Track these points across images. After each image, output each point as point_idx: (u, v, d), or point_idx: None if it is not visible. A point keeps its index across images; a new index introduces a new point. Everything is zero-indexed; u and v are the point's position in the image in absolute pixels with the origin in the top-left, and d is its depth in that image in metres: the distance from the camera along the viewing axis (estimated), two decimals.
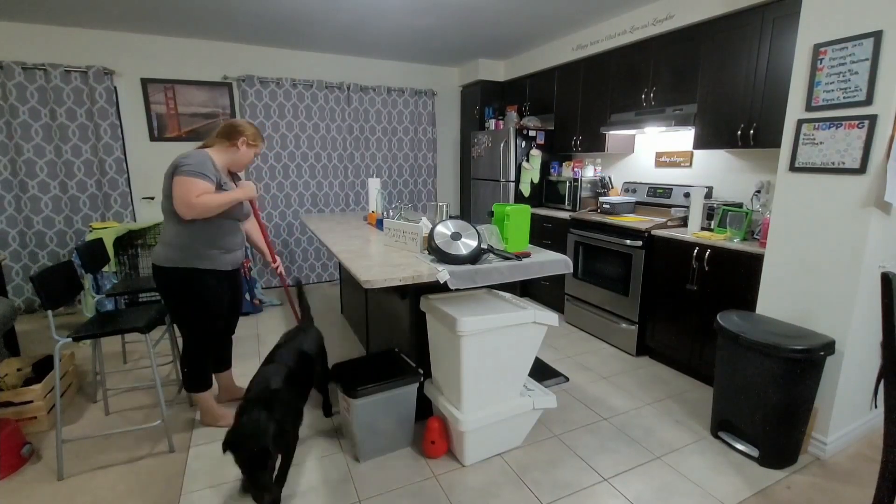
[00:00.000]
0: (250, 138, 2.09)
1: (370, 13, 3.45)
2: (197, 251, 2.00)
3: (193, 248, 1.99)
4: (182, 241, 1.98)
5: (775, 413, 1.95)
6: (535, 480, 1.92)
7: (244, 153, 2.10)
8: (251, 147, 2.11)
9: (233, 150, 2.08)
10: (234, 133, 2.06)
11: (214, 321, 2.14)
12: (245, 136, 2.07)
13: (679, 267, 2.79)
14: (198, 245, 2.00)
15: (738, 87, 2.69)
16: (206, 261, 2.03)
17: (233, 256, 2.15)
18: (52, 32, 3.74)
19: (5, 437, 1.93)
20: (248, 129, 2.09)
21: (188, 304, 2.05)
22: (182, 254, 1.98)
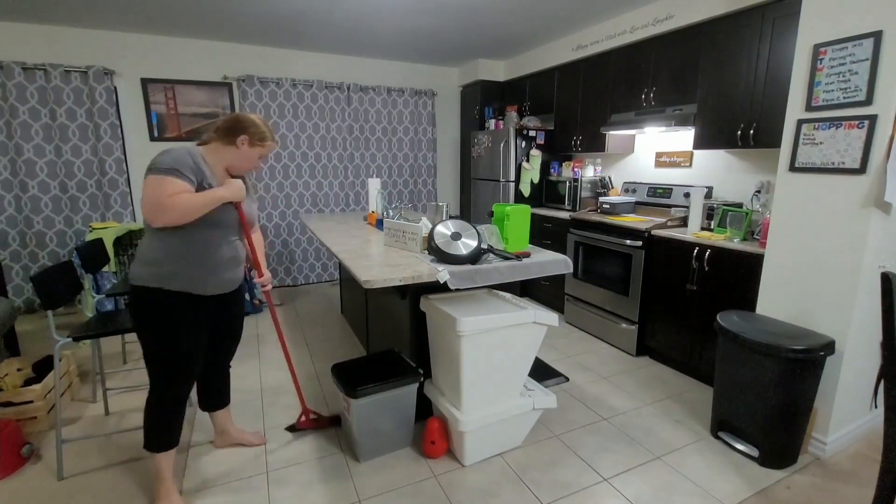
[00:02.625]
0: (254, 137, 1.71)
1: (370, 13, 3.45)
2: (169, 268, 1.60)
3: (165, 264, 1.60)
4: (154, 254, 1.60)
5: (775, 413, 1.95)
6: (535, 480, 1.92)
7: (246, 154, 1.72)
8: (255, 147, 1.73)
9: (231, 150, 1.70)
10: (234, 129, 1.70)
11: (185, 361, 1.68)
12: (247, 135, 1.70)
13: (679, 267, 2.79)
14: (171, 260, 1.60)
15: (738, 87, 2.69)
16: (179, 281, 1.62)
17: (220, 278, 1.72)
18: (52, 32, 3.74)
19: (5, 437, 1.93)
20: (252, 126, 1.71)
21: (151, 335, 1.63)
22: (151, 270, 1.59)
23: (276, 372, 2.90)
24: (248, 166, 1.77)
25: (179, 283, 1.62)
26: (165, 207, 1.49)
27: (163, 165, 1.53)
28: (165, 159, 1.54)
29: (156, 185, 1.50)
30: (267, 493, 1.84)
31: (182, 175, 1.54)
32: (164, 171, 1.52)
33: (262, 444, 2.15)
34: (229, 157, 1.72)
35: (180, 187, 1.53)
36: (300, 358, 3.11)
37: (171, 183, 1.52)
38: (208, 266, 1.67)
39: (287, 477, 1.93)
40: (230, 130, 1.70)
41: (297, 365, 3.00)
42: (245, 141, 1.71)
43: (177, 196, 1.51)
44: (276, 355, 3.14)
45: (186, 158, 1.58)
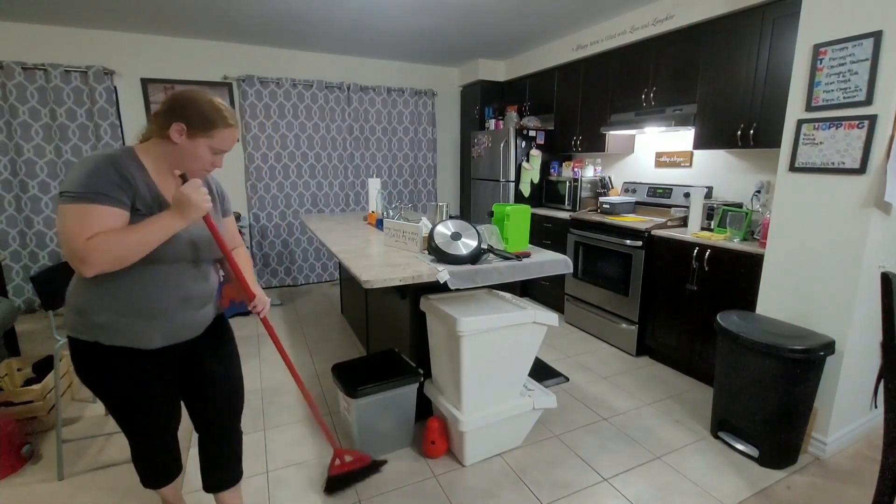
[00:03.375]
0: (193, 123, 1.17)
1: (370, 13, 3.45)
2: (100, 318, 1.18)
3: (94, 313, 1.18)
4: (80, 301, 1.20)
5: (775, 413, 1.95)
6: (535, 480, 1.92)
7: (187, 150, 1.19)
8: (198, 138, 1.18)
9: (167, 146, 1.19)
10: (168, 115, 1.17)
11: (144, 424, 1.34)
12: (181, 121, 1.16)
13: (679, 267, 2.79)
14: (101, 309, 1.18)
15: (738, 87, 2.69)
16: (112, 334, 1.19)
17: (174, 325, 1.26)
18: (52, 32, 3.74)
19: (5, 437, 1.93)
20: (189, 106, 1.17)
21: (97, 393, 1.28)
22: (79, 320, 1.20)
23: (276, 372, 2.90)
24: (197, 165, 1.22)
25: (113, 336, 1.19)
26: (86, 258, 1.04)
27: (75, 188, 1.05)
28: (77, 176, 1.06)
29: (68, 221, 1.05)
30: (267, 493, 1.84)
31: (106, 198, 1.07)
32: (77, 196, 1.05)
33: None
34: (168, 157, 1.20)
35: (106, 219, 1.07)
36: (300, 358, 3.11)
37: (90, 215, 1.05)
38: (153, 312, 1.21)
39: (287, 477, 1.93)
40: (163, 117, 1.18)
41: (298, 365, 2.99)
42: (181, 131, 1.16)
43: (100, 239, 1.05)
44: (277, 354, 3.14)
45: (107, 170, 1.09)
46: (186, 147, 1.19)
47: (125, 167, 1.13)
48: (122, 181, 1.11)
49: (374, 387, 1.94)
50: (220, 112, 1.20)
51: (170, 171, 1.22)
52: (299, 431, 2.26)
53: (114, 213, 1.09)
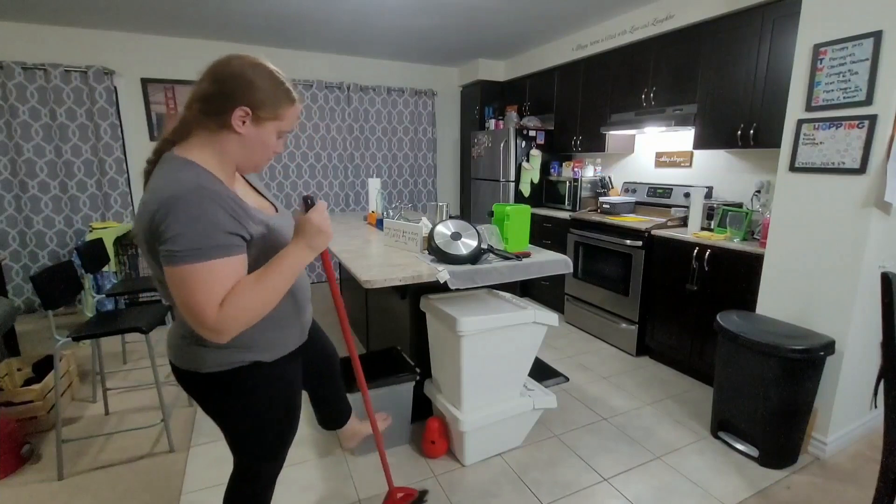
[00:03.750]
0: (260, 105, 0.94)
1: (370, 13, 3.45)
2: (255, 336, 1.05)
3: (248, 332, 1.00)
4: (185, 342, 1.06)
5: (775, 413, 1.95)
6: (535, 480, 1.92)
7: (253, 139, 0.97)
8: (265, 123, 0.96)
9: (229, 139, 0.95)
10: (223, 98, 0.93)
11: (288, 434, 1.22)
12: (246, 106, 0.93)
13: (679, 267, 2.79)
14: (257, 329, 1.03)
15: (738, 87, 2.69)
16: (273, 346, 1.10)
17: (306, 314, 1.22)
18: (52, 32, 3.73)
19: (5, 437, 1.93)
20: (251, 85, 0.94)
21: (240, 420, 1.11)
22: (227, 351, 1.03)
23: None
24: (263, 157, 1.01)
25: (274, 348, 1.09)
26: (222, 330, 0.87)
27: (185, 245, 0.83)
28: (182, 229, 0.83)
29: (187, 289, 0.85)
30: None
31: (224, 249, 0.87)
32: (194, 255, 0.84)
33: (388, 423, 1.83)
34: (232, 152, 0.97)
35: (230, 274, 0.88)
36: None
37: (213, 276, 0.86)
38: (298, 310, 1.16)
39: (287, 477, 1.93)
40: (215, 103, 0.93)
41: None
42: (245, 117, 0.94)
43: (232, 305, 0.87)
44: None
45: (212, 210, 0.86)
46: (253, 136, 0.96)
47: (222, 193, 0.89)
48: (229, 215, 0.89)
49: (370, 383, 1.94)
50: (285, 85, 0.99)
51: (231, 172, 1.00)
52: (299, 431, 2.25)
53: (236, 262, 0.89)
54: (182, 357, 1.05)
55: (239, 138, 0.96)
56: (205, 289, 0.85)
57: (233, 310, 0.87)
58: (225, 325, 0.86)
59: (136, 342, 3.31)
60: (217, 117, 0.93)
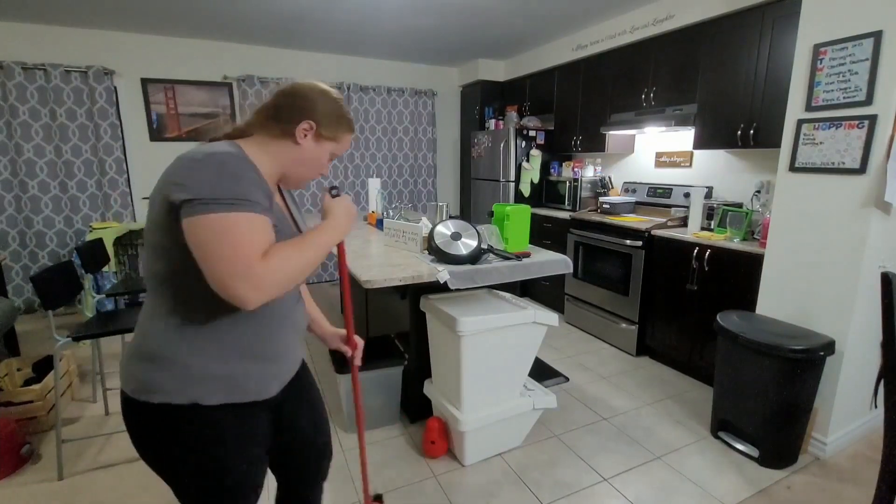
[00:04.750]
0: (324, 122, 0.97)
1: (370, 13, 3.45)
2: (205, 368, 0.88)
3: (198, 361, 0.88)
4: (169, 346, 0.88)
5: (775, 413, 1.95)
6: (535, 480, 1.92)
7: (310, 154, 0.99)
8: (325, 141, 0.99)
9: (287, 147, 0.96)
10: (293, 110, 0.95)
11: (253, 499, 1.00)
12: (311, 119, 0.96)
13: (679, 267, 2.79)
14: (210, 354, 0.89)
15: (738, 87, 2.69)
16: (224, 386, 0.90)
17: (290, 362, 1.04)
18: (52, 32, 3.73)
19: (5, 437, 1.93)
20: (319, 102, 0.97)
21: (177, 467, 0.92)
22: (165, 374, 0.87)
23: None
24: (314, 172, 1.03)
25: (225, 390, 0.90)
26: (263, 282, 0.79)
27: (217, 193, 0.79)
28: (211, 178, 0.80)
29: (230, 236, 0.78)
30: (267, 494, 1.84)
31: (259, 206, 0.84)
32: (229, 204, 0.79)
33: None
34: (284, 160, 0.97)
35: (269, 232, 0.85)
36: None
37: (255, 227, 0.82)
38: (277, 353, 0.98)
39: None
40: (288, 113, 0.95)
41: None
42: (309, 130, 0.96)
43: (277, 257, 0.82)
44: None
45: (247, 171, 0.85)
46: (310, 150, 0.98)
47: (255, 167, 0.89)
48: (262, 184, 0.87)
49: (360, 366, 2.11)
50: (348, 114, 1.03)
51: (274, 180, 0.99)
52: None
53: (269, 225, 0.85)
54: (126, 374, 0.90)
55: (297, 149, 0.97)
56: (249, 237, 0.80)
57: (279, 264, 0.81)
58: (268, 277, 0.79)
59: None
60: (283, 124, 0.95)
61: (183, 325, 0.87)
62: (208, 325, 0.88)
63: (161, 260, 0.86)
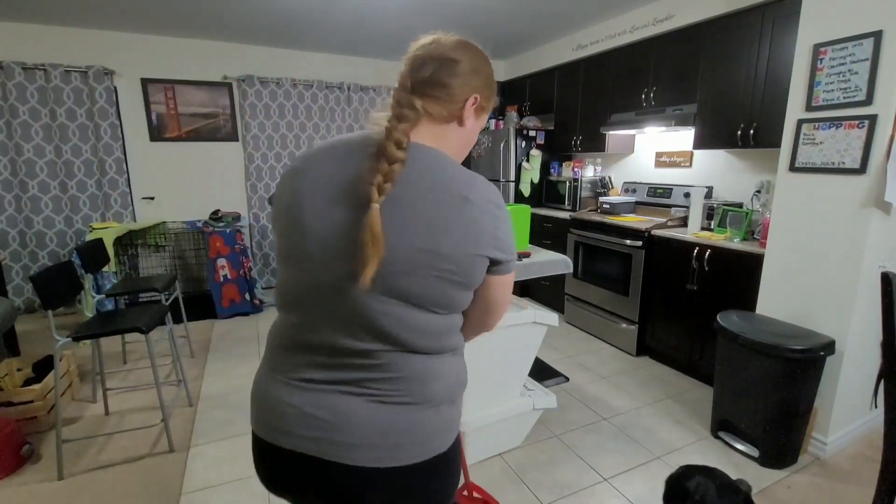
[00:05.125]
0: (486, 96, 0.86)
1: (370, 13, 3.45)
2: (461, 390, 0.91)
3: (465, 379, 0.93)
4: (462, 372, 0.92)
5: (775, 413, 1.95)
6: (535, 480, 1.92)
7: (473, 133, 0.89)
8: (482, 115, 0.88)
9: (455, 131, 0.84)
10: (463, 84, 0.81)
11: None
12: (479, 93, 0.83)
13: (679, 267, 2.79)
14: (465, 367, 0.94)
15: (738, 87, 2.69)
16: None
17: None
18: (52, 32, 3.73)
19: (5, 437, 1.93)
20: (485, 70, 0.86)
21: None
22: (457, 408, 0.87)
23: None
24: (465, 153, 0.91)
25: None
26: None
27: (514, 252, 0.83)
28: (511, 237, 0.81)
29: (507, 295, 0.88)
30: (266, 494, 1.84)
31: None
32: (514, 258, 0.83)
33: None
34: (453, 145, 0.85)
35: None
36: None
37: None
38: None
39: None
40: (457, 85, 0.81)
41: None
42: (475, 104, 0.83)
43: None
44: None
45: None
46: (472, 130, 0.86)
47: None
48: None
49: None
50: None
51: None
52: None
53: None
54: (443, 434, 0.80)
55: (463, 132, 0.85)
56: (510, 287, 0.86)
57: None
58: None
59: (136, 342, 3.31)
60: (449, 106, 0.81)
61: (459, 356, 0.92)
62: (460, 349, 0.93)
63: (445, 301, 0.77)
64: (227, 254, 3.82)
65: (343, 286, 0.71)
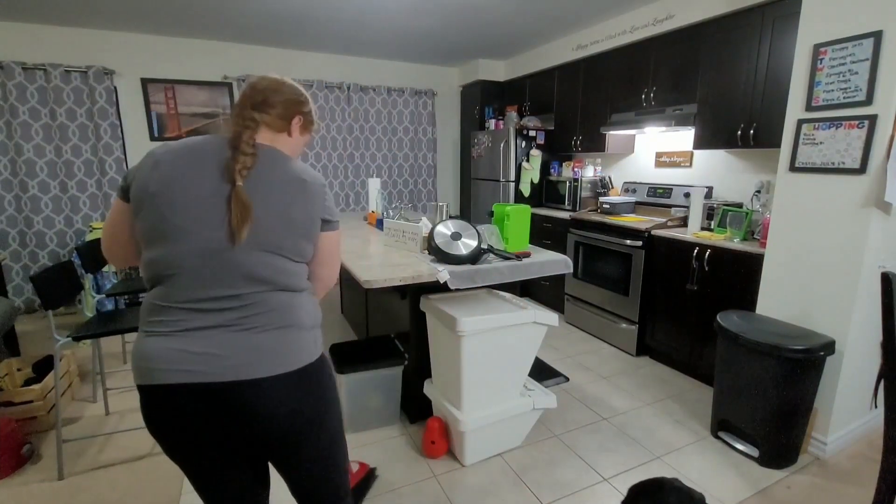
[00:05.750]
0: (308, 116, 1.14)
1: (371, 13, 3.45)
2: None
3: (319, 314, 1.14)
4: (317, 315, 1.11)
5: (775, 413, 1.95)
6: (535, 480, 1.92)
7: (299, 142, 1.15)
8: (306, 134, 1.17)
9: (282, 140, 1.09)
10: (292, 104, 1.09)
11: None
12: (301, 114, 1.12)
13: (679, 267, 2.79)
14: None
15: (738, 87, 2.69)
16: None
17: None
18: (52, 32, 3.73)
19: (5, 437, 1.93)
20: (304, 98, 1.13)
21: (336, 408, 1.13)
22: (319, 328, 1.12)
23: None
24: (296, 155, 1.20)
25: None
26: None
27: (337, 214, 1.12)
28: (332, 202, 1.10)
29: (338, 250, 1.16)
30: None
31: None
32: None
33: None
34: (284, 149, 1.09)
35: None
36: None
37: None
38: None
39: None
40: (288, 107, 1.08)
41: None
42: (300, 124, 1.12)
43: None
44: None
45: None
46: (299, 140, 1.15)
47: None
48: None
49: (360, 366, 2.11)
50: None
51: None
52: None
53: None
54: (311, 348, 1.04)
55: (291, 140, 1.12)
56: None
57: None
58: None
59: None
60: (280, 121, 1.09)
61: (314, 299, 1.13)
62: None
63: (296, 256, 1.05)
64: None
65: (221, 248, 0.92)
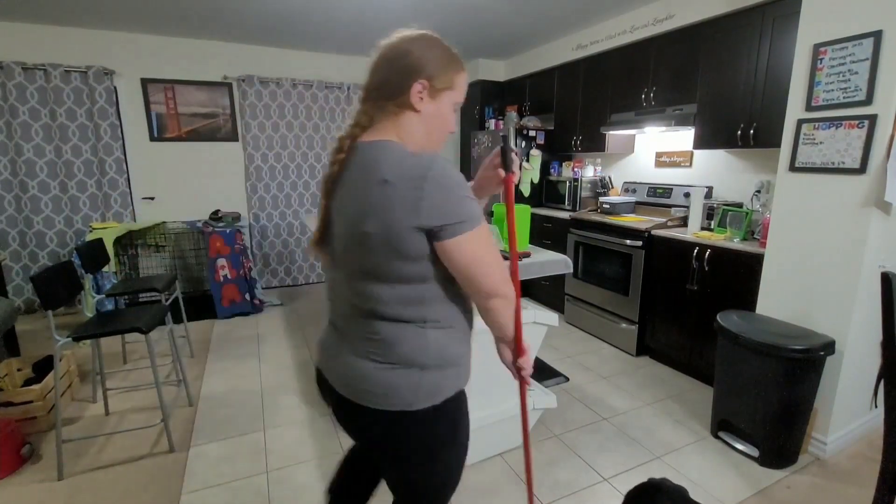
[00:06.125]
0: (438, 73, 0.89)
1: (371, 13, 3.45)
2: (458, 355, 0.98)
3: (454, 354, 0.96)
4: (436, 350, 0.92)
5: (775, 413, 1.95)
6: (535, 480, 1.92)
7: (434, 115, 0.91)
8: (444, 92, 0.91)
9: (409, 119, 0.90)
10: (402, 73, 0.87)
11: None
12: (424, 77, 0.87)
13: (679, 267, 2.79)
14: (459, 342, 0.98)
15: (738, 87, 2.69)
16: (464, 370, 1.05)
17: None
18: (52, 32, 3.73)
19: (5, 437, 1.93)
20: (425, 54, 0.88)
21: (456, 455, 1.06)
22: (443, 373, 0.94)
23: (277, 372, 2.90)
24: (443, 134, 0.96)
25: (464, 372, 1.05)
26: (511, 293, 0.90)
27: (477, 208, 0.84)
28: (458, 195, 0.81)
29: (482, 255, 0.84)
30: (267, 494, 1.84)
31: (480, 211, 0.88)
32: (481, 218, 0.84)
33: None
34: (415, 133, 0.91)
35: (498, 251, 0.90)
36: (300, 357, 3.11)
37: (490, 237, 0.87)
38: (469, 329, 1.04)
39: (287, 477, 1.93)
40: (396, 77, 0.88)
41: (299, 365, 2.99)
42: (422, 91, 0.88)
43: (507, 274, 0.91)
44: (277, 354, 3.14)
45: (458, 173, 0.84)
46: (432, 112, 0.89)
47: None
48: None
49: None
50: (452, 50, 0.92)
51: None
52: (299, 432, 2.26)
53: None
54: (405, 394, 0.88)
55: (419, 117, 0.90)
56: (493, 250, 0.85)
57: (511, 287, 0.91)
58: (511, 289, 0.90)
59: (136, 342, 3.31)
60: (396, 99, 0.88)
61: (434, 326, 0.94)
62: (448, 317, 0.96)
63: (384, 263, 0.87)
64: (227, 254, 3.82)
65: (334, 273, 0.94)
